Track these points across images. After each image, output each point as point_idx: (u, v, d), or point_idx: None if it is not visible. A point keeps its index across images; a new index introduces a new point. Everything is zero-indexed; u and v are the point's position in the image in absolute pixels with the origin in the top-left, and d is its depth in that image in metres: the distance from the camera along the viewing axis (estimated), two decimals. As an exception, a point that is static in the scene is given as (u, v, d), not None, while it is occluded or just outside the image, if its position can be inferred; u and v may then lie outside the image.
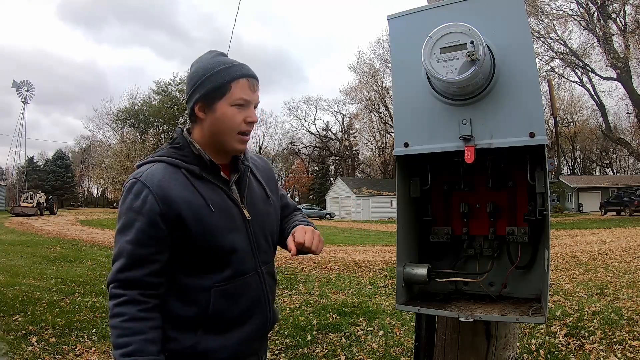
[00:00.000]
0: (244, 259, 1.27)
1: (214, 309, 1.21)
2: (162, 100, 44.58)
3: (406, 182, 1.57)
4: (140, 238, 1.14)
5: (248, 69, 1.28)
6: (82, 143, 64.71)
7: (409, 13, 1.47)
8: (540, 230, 1.48)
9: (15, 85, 48.79)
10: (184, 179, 1.22)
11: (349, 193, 40.98)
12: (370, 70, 50.06)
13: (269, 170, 1.51)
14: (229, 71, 1.24)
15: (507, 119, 1.30)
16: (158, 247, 1.16)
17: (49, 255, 10.49)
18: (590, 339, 3.93)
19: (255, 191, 1.37)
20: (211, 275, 1.21)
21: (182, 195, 1.18)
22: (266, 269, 1.34)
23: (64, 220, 27.18)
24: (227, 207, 1.25)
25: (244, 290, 1.27)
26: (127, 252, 1.14)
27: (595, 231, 17.73)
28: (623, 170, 55.42)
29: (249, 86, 1.25)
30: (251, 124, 1.27)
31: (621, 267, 7.97)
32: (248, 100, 1.25)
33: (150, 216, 1.14)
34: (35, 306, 5.38)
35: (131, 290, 1.13)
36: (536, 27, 25.78)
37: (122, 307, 1.11)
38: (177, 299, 1.21)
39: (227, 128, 1.24)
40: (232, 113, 1.23)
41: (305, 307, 5.53)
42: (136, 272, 1.14)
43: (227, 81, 1.23)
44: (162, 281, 1.18)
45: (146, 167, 1.23)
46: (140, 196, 1.16)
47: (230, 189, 1.29)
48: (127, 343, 1.08)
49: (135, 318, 1.11)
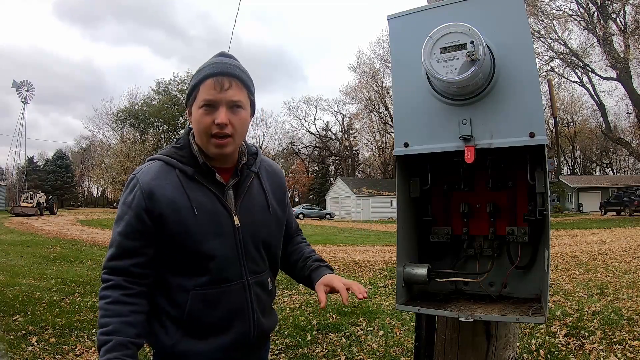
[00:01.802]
0: (226, 267, 1.24)
1: (191, 311, 1.21)
2: (162, 100, 44.54)
3: (406, 182, 1.57)
4: (128, 231, 1.19)
5: (217, 67, 1.22)
6: (82, 143, 64.82)
7: (409, 13, 1.47)
8: (540, 230, 1.47)
9: (15, 85, 48.83)
10: (176, 180, 1.22)
11: (349, 193, 40.96)
12: (370, 70, 50.08)
13: (280, 179, 1.47)
14: (200, 73, 1.23)
15: (507, 119, 1.30)
16: (144, 241, 1.20)
17: (49, 255, 10.49)
18: (590, 339, 3.93)
19: (255, 198, 1.33)
20: (192, 277, 1.22)
21: (168, 194, 1.20)
22: (254, 279, 1.30)
23: (64, 220, 27.18)
24: (215, 212, 1.23)
25: (224, 298, 1.24)
26: (116, 243, 1.20)
27: (595, 231, 17.72)
28: (623, 170, 55.44)
29: (214, 86, 1.19)
30: (220, 125, 1.19)
31: (621, 267, 7.97)
32: (213, 100, 1.20)
33: (137, 211, 1.19)
34: (35, 306, 5.38)
35: (118, 277, 1.18)
36: (536, 27, 25.78)
37: (108, 290, 1.17)
38: (163, 296, 1.23)
39: (199, 131, 1.23)
40: (200, 115, 1.21)
41: (305, 307, 5.53)
42: (123, 262, 1.19)
43: (196, 84, 1.23)
44: (149, 272, 1.21)
45: (146, 164, 1.27)
46: (133, 191, 1.21)
47: (225, 193, 1.27)
48: (107, 323, 1.12)
49: (117, 301, 1.15)
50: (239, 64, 1.28)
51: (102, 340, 1.11)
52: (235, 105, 1.22)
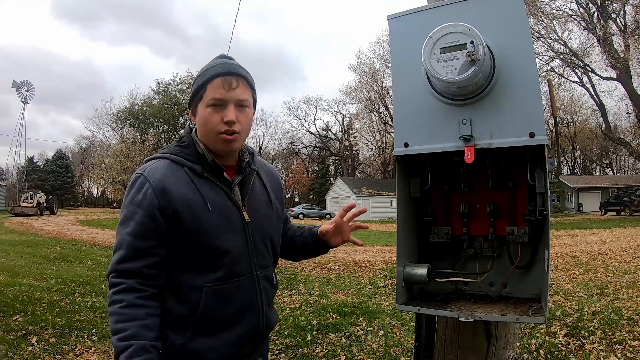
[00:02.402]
0: (239, 261, 1.26)
1: (204, 308, 1.20)
2: (162, 100, 44.48)
3: (406, 182, 1.57)
4: (139, 231, 1.17)
5: (224, 67, 1.25)
6: (82, 143, 64.75)
7: (409, 13, 1.47)
8: (540, 230, 1.48)
9: (16, 85, 48.80)
10: (186, 177, 1.23)
11: (349, 193, 40.94)
12: (370, 70, 50.08)
13: (277, 178, 1.53)
14: (206, 73, 1.25)
15: (507, 119, 1.30)
16: (156, 241, 1.18)
17: (49, 255, 10.48)
18: (590, 339, 3.93)
19: (258, 195, 1.37)
20: (204, 274, 1.22)
21: (181, 191, 1.20)
22: (262, 273, 1.33)
23: (64, 220, 27.18)
24: (226, 208, 1.25)
25: (237, 293, 1.25)
26: (127, 244, 1.17)
27: (595, 231, 17.72)
28: (623, 170, 55.43)
29: (223, 84, 1.23)
30: (230, 123, 1.23)
31: (621, 267, 7.97)
32: (222, 99, 1.23)
33: (150, 210, 1.17)
34: (35, 306, 5.38)
35: (129, 279, 1.15)
36: (536, 27, 25.76)
37: (121, 294, 1.13)
38: (172, 296, 1.22)
39: (207, 129, 1.25)
40: (209, 114, 1.23)
41: (305, 307, 5.52)
42: (135, 264, 1.16)
43: (203, 83, 1.24)
44: (161, 273, 1.20)
45: (151, 163, 1.27)
46: (142, 190, 1.19)
47: (232, 190, 1.29)
48: (125, 328, 1.09)
49: (133, 304, 1.12)
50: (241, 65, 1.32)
51: (121, 346, 1.07)
52: (242, 104, 1.26)
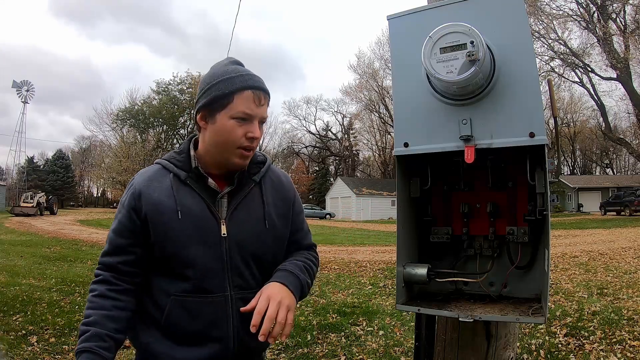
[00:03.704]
0: (208, 277, 1.19)
1: (168, 316, 1.19)
2: (162, 100, 44.45)
3: (406, 182, 1.56)
4: (119, 228, 1.23)
5: (255, 81, 1.20)
6: (82, 143, 64.85)
7: (409, 13, 1.47)
8: (540, 230, 1.47)
9: (16, 85, 48.83)
10: (168, 183, 1.23)
11: (349, 193, 40.96)
12: (370, 70, 50.10)
13: (287, 192, 1.37)
14: (234, 81, 1.18)
15: (507, 119, 1.30)
16: (132, 240, 1.21)
17: (49, 255, 10.49)
18: (590, 339, 3.93)
19: (251, 209, 1.27)
20: (174, 282, 1.20)
21: (156, 196, 1.20)
22: (240, 295, 1.22)
23: (64, 220, 27.18)
24: (203, 219, 1.20)
25: (204, 310, 1.19)
26: (109, 240, 1.25)
27: (595, 231, 17.73)
28: (623, 170, 55.42)
29: (254, 99, 1.18)
30: (252, 139, 1.19)
31: (621, 267, 7.97)
32: (250, 115, 1.18)
33: (128, 210, 1.22)
34: (35, 306, 5.38)
35: (106, 272, 1.21)
36: (536, 27, 25.78)
37: (96, 284, 1.20)
38: (147, 297, 1.24)
39: (226, 141, 1.19)
40: (232, 126, 1.17)
41: (305, 307, 5.52)
42: (113, 259, 1.22)
43: (230, 92, 1.17)
44: (137, 272, 1.23)
45: (147, 167, 1.32)
46: (128, 192, 1.25)
47: (217, 201, 1.24)
48: (89, 315, 1.15)
49: (103, 295, 1.18)
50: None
51: (81, 330, 1.14)
52: (264, 121, 1.24)
